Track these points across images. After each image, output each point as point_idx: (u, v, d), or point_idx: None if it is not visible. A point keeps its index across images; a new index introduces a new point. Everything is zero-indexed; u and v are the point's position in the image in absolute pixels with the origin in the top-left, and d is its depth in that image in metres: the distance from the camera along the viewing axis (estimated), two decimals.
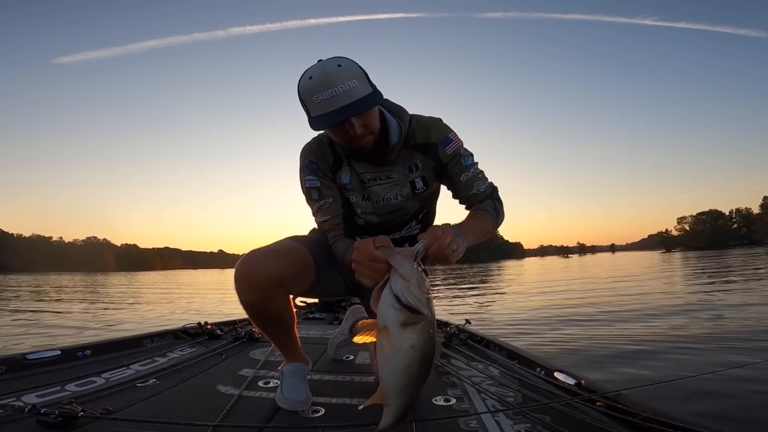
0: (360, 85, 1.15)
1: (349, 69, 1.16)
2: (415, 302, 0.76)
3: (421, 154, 1.38)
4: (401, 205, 1.43)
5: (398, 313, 0.76)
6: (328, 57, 1.20)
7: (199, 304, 9.54)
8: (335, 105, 1.13)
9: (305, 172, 1.40)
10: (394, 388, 0.78)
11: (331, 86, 1.12)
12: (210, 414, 1.34)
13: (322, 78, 1.13)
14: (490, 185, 1.41)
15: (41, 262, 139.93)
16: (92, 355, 2.02)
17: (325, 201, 1.38)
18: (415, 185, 1.41)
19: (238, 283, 1.33)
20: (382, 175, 1.39)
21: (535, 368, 1.87)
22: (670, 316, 5.01)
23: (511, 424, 1.33)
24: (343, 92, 1.12)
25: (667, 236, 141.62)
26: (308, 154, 1.39)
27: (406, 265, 0.79)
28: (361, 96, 1.15)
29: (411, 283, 0.77)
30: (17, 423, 1.20)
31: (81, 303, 10.17)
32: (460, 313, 6.27)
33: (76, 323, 6.16)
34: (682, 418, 1.21)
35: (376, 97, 1.19)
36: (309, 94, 1.15)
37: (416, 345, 0.77)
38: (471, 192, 1.38)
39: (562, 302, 7.32)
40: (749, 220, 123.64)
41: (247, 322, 2.92)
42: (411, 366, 0.77)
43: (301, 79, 1.18)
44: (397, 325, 0.76)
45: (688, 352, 3.19)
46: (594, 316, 5.39)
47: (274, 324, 1.45)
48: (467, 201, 1.41)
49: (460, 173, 1.37)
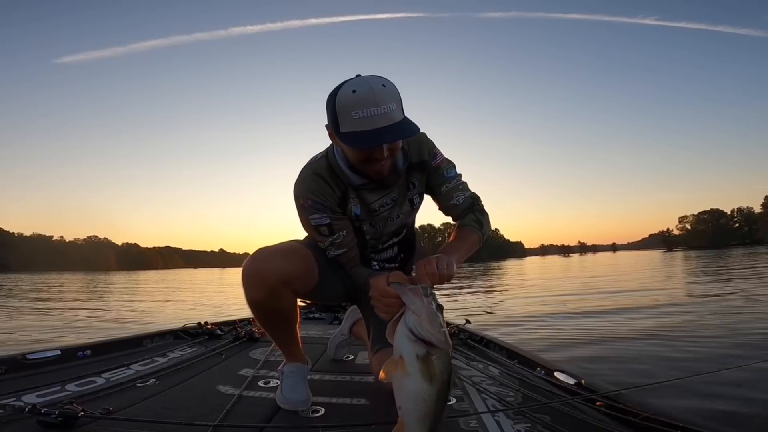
0: (397, 109, 1.13)
1: (393, 91, 1.14)
2: (428, 336, 0.81)
3: (418, 172, 1.41)
4: (402, 222, 1.48)
5: (413, 344, 0.81)
6: (368, 74, 1.15)
7: (200, 304, 9.54)
8: (374, 125, 1.10)
9: (309, 212, 1.34)
10: (414, 416, 0.81)
11: (375, 105, 1.09)
12: (210, 414, 1.33)
13: (368, 94, 1.09)
14: (470, 196, 1.43)
15: (42, 261, 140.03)
16: (92, 355, 2.02)
17: (338, 235, 1.35)
18: (414, 202, 1.45)
19: (246, 281, 1.33)
20: (388, 198, 1.39)
21: (535, 368, 1.87)
22: (671, 315, 5.01)
23: (511, 423, 1.33)
24: (384, 113, 1.10)
25: (668, 235, 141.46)
26: (310, 194, 1.32)
27: (417, 302, 0.84)
28: (398, 120, 1.12)
29: (422, 318, 0.82)
30: (17, 423, 1.20)
31: (81, 302, 10.18)
32: (460, 312, 6.27)
33: (76, 323, 6.16)
34: (682, 418, 1.21)
35: (412, 126, 1.16)
36: (348, 108, 1.11)
37: (432, 374, 0.80)
38: (451, 202, 1.42)
39: (562, 302, 7.31)
40: (751, 220, 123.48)
41: (247, 322, 2.92)
42: (429, 395, 0.80)
43: (341, 90, 1.13)
44: (412, 356, 0.81)
45: (689, 352, 3.19)
46: (594, 316, 5.39)
47: (278, 323, 1.46)
48: (448, 211, 1.44)
49: (441, 184, 1.41)
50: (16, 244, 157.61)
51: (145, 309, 8.40)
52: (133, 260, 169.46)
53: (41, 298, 11.80)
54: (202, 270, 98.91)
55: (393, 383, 0.83)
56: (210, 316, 5.20)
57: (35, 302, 10.22)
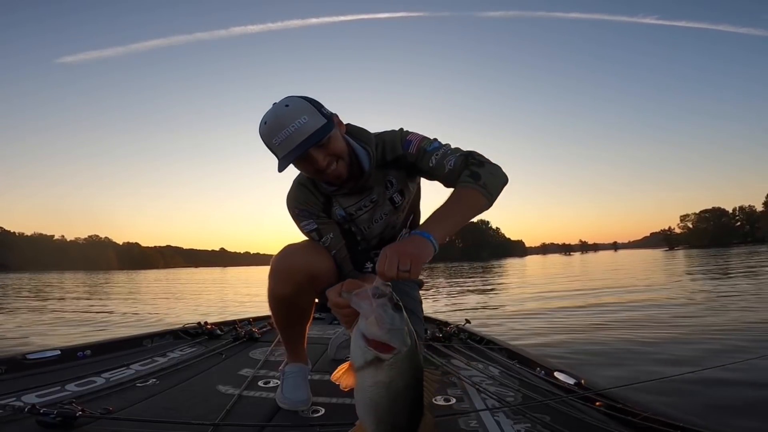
0: (311, 119, 1.19)
1: (297, 106, 1.20)
2: (378, 338, 0.75)
3: (394, 170, 1.41)
4: (387, 222, 1.48)
5: (361, 351, 0.76)
6: (281, 98, 1.23)
7: (200, 304, 9.55)
8: (292, 144, 1.16)
9: (299, 220, 1.42)
10: (366, 422, 0.76)
11: (283, 127, 1.16)
12: (210, 414, 1.34)
13: (274, 121, 1.18)
14: (462, 155, 1.30)
15: (43, 261, 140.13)
16: (92, 355, 2.03)
17: (326, 238, 1.41)
18: (394, 200, 1.45)
19: (275, 275, 1.39)
20: (366, 201, 1.43)
21: (534, 368, 1.87)
22: (673, 315, 5.00)
23: (511, 423, 1.33)
24: (295, 130, 1.16)
25: (670, 234, 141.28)
26: (296, 203, 1.41)
27: (363, 304, 0.78)
28: (315, 129, 1.18)
29: (369, 321, 0.76)
30: (17, 423, 1.21)
31: (82, 302, 10.19)
32: (460, 312, 6.27)
33: (76, 323, 6.17)
34: (682, 417, 1.21)
35: (327, 126, 1.21)
36: (269, 138, 1.20)
37: (381, 381, 0.74)
38: (445, 171, 1.30)
39: (563, 301, 7.31)
40: (753, 218, 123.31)
41: (247, 322, 2.92)
42: (378, 402, 0.74)
43: (260, 126, 1.22)
44: (361, 362, 0.75)
45: (690, 351, 3.19)
46: (595, 316, 5.39)
47: (296, 320, 1.50)
48: (448, 181, 1.32)
49: (429, 160, 1.33)
50: (17, 244, 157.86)
51: (146, 309, 8.41)
52: (134, 260, 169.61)
53: (42, 297, 11.81)
54: (203, 269, 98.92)
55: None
56: (210, 316, 5.21)
57: (36, 302, 10.23)
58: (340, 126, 1.29)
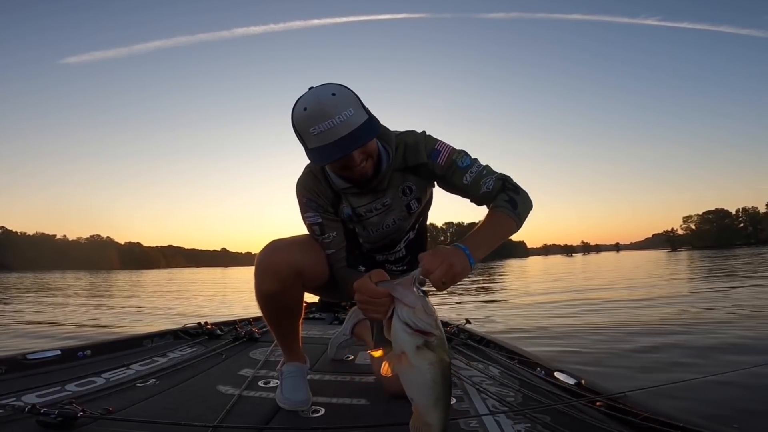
0: (356, 112, 1.11)
1: (344, 97, 1.12)
2: (425, 326, 0.83)
3: (414, 176, 1.36)
4: (398, 227, 1.44)
5: (411, 337, 0.84)
6: (320, 84, 1.15)
7: (200, 304, 9.56)
8: (334, 136, 1.09)
9: (305, 210, 1.37)
10: (428, 404, 0.84)
11: (327, 117, 1.08)
12: (210, 414, 1.34)
13: (317, 108, 1.08)
14: (499, 177, 1.30)
15: (45, 261, 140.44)
16: (92, 355, 2.03)
17: (328, 235, 1.36)
18: (411, 207, 1.41)
19: (260, 272, 1.33)
20: (378, 203, 1.37)
21: (535, 368, 1.87)
22: (675, 315, 4.99)
23: (511, 423, 1.33)
24: (341, 122, 1.08)
25: (672, 235, 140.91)
26: (306, 192, 1.35)
27: (409, 294, 0.86)
28: (359, 124, 1.11)
29: (417, 310, 0.84)
30: (17, 423, 1.20)
31: (82, 302, 10.20)
32: (460, 312, 6.26)
33: (76, 323, 6.17)
34: (682, 418, 1.21)
35: (374, 126, 1.16)
36: (305, 126, 1.11)
37: (434, 361, 0.84)
38: (480, 192, 1.29)
39: (563, 301, 7.30)
40: (756, 220, 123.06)
41: (247, 322, 2.92)
42: (435, 381, 0.84)
43: (295, 109, 1.13)
44: (413, 348, 0.83)
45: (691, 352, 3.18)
46: (596, 316, 5.38)
47: (285, 317, 1.45)
48: (482, 202, 1.32)
49: (462, 177, 1.29)
50: (19, 244, 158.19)
51: (146, 308, 8.42)
52: (136, 259, 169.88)
53: (42, 297, 11.83)
54: (204, 269, 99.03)
55: (401, 378, 0.86)
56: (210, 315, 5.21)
57: (36, 301, 10.25)
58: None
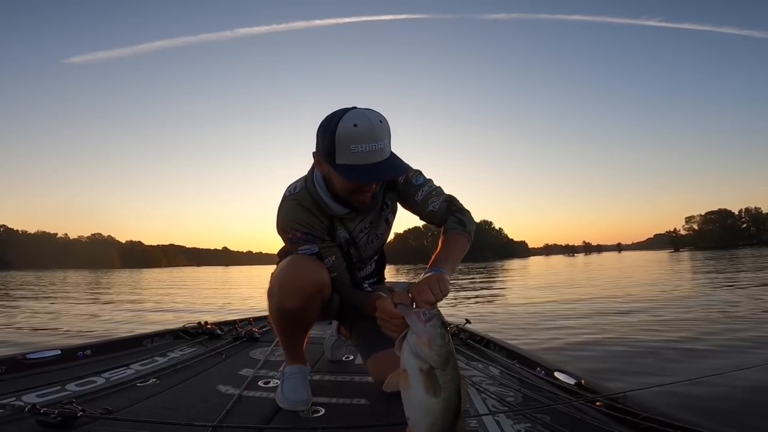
0: (389, 144, 1.19)
1: (387, 127, 1.19)
2: (425, 357, 0.85)
3: (390, 191, 1.45)
4: (382, 241, 1.53)
5: (415, 359, 0.86)
6: (364, 107, 1.20)
7: (201, 303, 9.56)
8: (370, 159, 1.15)
9: (298, 244, 1.37)
10: (421, 426, 0.85)
11: (375, 140, 1.14)
12: (210, 414, 1.33)
13: (368, 130, 1.13)
14: (445, 199, 1.41)
15: (46, 259, 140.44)
16: (92, 355, 2.03)
17: (328, 260, 1.39)
18: (388, 220, 1.51)
19: (284, 290, 1.34)
20: (366, 222, 1.45)
21: (535, 368, 1.87)
22: (676, 315, 4.99)
23: (511, 423, 1.33)
24: (380, 149, 1.15)
25: (675, 236, 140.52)
26: (299, 226, 1.36)
27: (419, 325, 0.89)
28: (388, 155, 1.19)
29: (422, 341, 0.86)
30: (17, 423, 1.20)
31: (83, 301, 10.21)
32: (460, 312, 6.26)
33: (76, 322, 6.18)
34: (682, 418, 1.21)
35: (404, 164, 1.25)
36: (349, 141, 1.14)
37: (435, 387, 0.84)
38: (428, 210, 1.40)
39: (564, 301, 7.30)
40: (758, 220, 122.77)
41: (247, 322, 2.92)
42: (433, 405, 0.84)
43: (342, 123, 1.15)
44: (415, 370, 0.85)
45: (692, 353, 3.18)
46: (596, 315, 5.38)
47: (299, 329, 1.49)
48: (428, 219, 1.43)
49: (414, 194, 1.41)
50: (20, 242, 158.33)
51: (146, 308, 8.42)
52: (137, 258, 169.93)
53: (43, 296, 11.84)
54: (205, 268, 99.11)
55: (401, 394, 0.88)
56: (211, 315, 5.22)
57: (36, 301, 10.25)
58: None
